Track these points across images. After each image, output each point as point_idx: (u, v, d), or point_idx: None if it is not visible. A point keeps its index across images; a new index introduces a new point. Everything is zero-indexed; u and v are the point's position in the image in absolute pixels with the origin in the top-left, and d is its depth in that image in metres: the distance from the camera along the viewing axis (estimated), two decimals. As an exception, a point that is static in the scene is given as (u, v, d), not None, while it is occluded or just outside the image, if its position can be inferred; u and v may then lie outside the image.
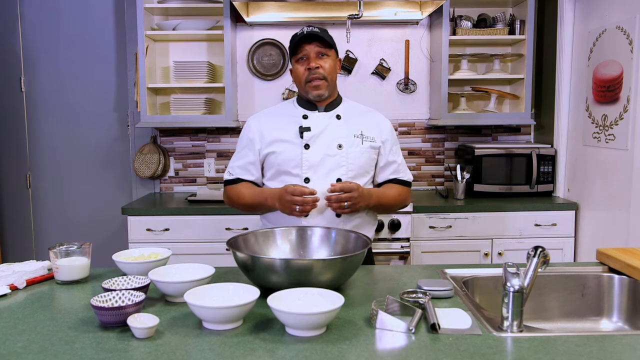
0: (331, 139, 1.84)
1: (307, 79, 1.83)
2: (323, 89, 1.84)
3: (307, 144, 1.83)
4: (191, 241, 3.01)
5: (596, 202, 2.91)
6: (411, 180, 1.99)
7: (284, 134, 1.86)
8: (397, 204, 1.95)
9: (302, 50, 1.83)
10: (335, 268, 1.36)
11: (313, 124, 1.85)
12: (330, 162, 1.82)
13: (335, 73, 1.88)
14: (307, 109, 1.90)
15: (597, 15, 2.88)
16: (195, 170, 3.61)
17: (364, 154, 1.86)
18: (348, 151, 1.84)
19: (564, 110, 3.20)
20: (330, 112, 1.90)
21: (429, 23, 3.52)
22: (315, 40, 1.81)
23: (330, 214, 1.80)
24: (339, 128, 1.86)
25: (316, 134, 1.84)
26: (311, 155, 1.82)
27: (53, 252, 1.53)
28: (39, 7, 3.60)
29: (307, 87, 1.84)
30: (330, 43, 1.84)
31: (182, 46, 3.49)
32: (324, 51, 1.83)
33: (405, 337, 1.15)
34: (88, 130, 3.66)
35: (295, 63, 1.87)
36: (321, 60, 1.83)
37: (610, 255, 1.66)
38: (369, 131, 1.89)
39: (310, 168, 1.82)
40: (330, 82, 1.85)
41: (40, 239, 3.74)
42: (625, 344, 1.13)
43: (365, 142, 1.87)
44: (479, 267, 1.71)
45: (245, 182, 1.93)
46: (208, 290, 1.28)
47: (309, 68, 1.82)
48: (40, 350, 1.09)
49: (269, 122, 1.93)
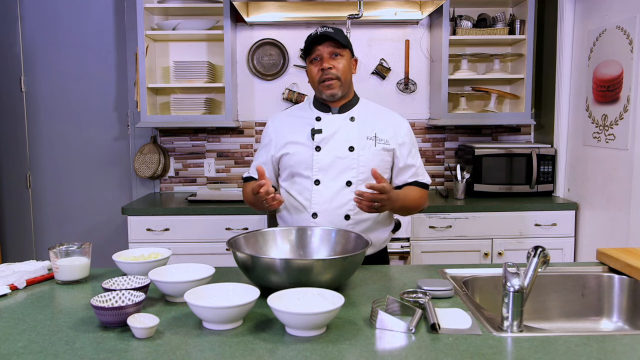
0: (342, 141, 1.84)
1: (321, 79, 1.83)
2: (336, 88, 1.84)
3: (318, 146, 1.83)
4: (191, 241, 3.01)
5: (596, 202, 2.91)
6: (430, 182, 1.98)
7: (297, 135, 1.87)
8: (418, 206, 1.94)
9: (316, 51, 1.83)
10: (335, 268, 1.36)
11: (325, 126, 1.85)
12: (341, 165, 1.82)
13: (350, 73, 1.88)
14: (321, 110, 1.90)
15: (597, 15, 2.88)
16: (195, 170, 3.61)
17: (376, 156, 1.85)
18: (360, 153, 1.83)
19: (564, 110, 3.20)
20: (344, 113, 1.89)
21: (429, 23, 3.52)
22: (328, 40, 1.82)
23: (339, 216, 1.80)
24: (351, 130, 1.86)
25: (327, 136, 1.84)
26: (322, 157, 1.82)
27: (53, 252, 1.53)
28: (39, 7, 3.60)
29: (321, 87, 1.84)
30: (344, 43, 1.84)
31: (182, 46, 3.49)
32: (338, 51, 1.83)
33: (405, 337, 1.15)
34: (88, 130, 3.67)
35: (310, 64, 1.87)
36: (334, 61, 1.83)
37: (610, 255, 1.66)
38: (384, 133, 1.88)
39: (320, 170, 1.82)
40: (344, 82, 1.85)
41: (40, 239, 3.74)
42: (625, 344, 1.13)
43: (378, 144, 1.85)
44: (479, 267, 1.71)
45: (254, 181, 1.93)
46: (208, 290, 1.28)
47: (322, 69, 1.82)
48: (40, 350, 1.09)
49: (285, 123, 1.94)
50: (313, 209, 1.82)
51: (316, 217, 1.81)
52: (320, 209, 1.81)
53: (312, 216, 1.82)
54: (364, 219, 1.83)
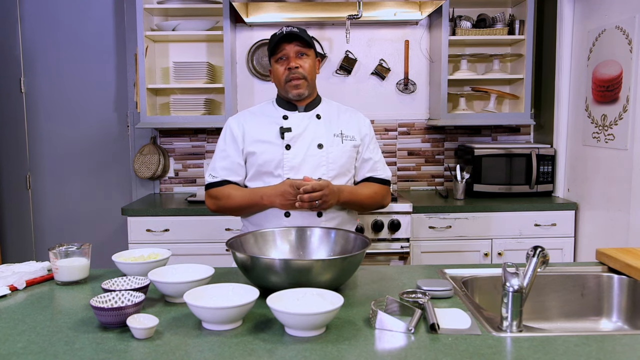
0: (311, 139, 1.85)
1: (287, 78, 1.83)
2: (303, 88, 1.84)
3: (288, 144, 1.83)
4: (191, 242, 3.01)
5: (596, 202, 2.91)
6: (389, 178, 1.98)
7: (265, 134, 1.86)
8: (373, 202, 1.94)
9: (282, 50, 1.83)
10: (334, 268, 1.36)
11: (293, 124, 1.86)
12: (311, 162, 1.83)
13: (314, 73, 1.89)
14: (287, 109, 1.90)
15: (596, 15, 2.89)
16: (195, 171, 3.61)
17: (344, 153, 1.87)
18: (328, 151, 1.85)
19: (563, 110, 3.20)
20: (310, 112, 1.90)
21: (429, 23, 3.52)
22: (295, 39, 1.82)
23: (311, 214, 1.82)
24: (319, 128, 1.87)
25: (297, 134, 1.84)
26: (292, 155, 1.83)
27: (53, 252, 1.53)
28: (39, 7, 3.61)
29: (287, 87, 1.84)
30: (310, 43, 1.84)
31: (182, 47, 3.49)
32: (304, 51, 1.84)
33: (405, 337, 1.15)
34: (88, 131, 3.67)
35: (275, 63, 1.86)
36: (301, 60, 1.83)
37: (610, 255, 1.66)
38: (349, 130, 1.90)
39: (291, 169, 1.82)
40: (310, 81, 1.85)
41: (40, 239, 3.74)
42: (625, 344, 1.13)
43: (345, 141, 1.88)
44: (479, 267, 1.71)
45: (232, 184, 1.88)
46: (208, 291, 1.28)
47: (289, 68, 1.82)
48: (40, 350, 1.09)
49: (250, 121, 1.91)
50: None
51: (289, 216, 1.81)
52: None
53: (284, 215, 1.81)
54: (334, 216, 1.85)
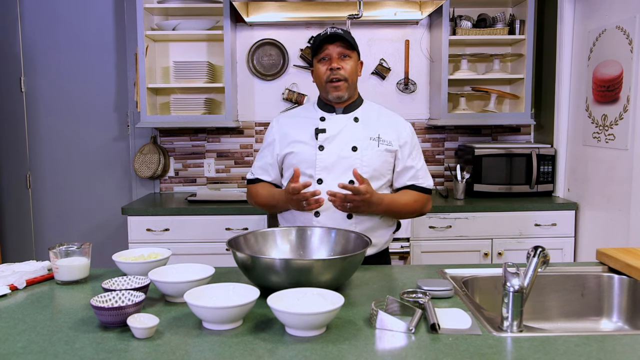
0: (346, 141, 1.84)
1: (328, 79, 1.83)
2: (343, 90, 1.84)
3: (322, 145, 1.84)
4: (191, 241, 3.01)
5: (596, 202, 2.91)
6: (431, 186, 1.95)
7: (301, 135, 1.88)
8: (413, 211, 1.92)
9: (325, 50, 1.82)
10: (335, 268, 1.36)
11: (329, 126, 1.86)
12: (344, 164, 1.82)
13: (356, 75, 1.88)
14: (325, 111, 1.90)
15: (597, 15, 2.89)
16: (195, 171, 3.61)
17: (379, 157, 1.85)
18: (363, 153, 1.83)
19: (563, 110, 3.20)
20: (349, 114, 1.90)
21: (429, 23, 3.52)
22: (338, 40, 1.81)
23: (342, 215, 1.80)
24: (355, 130, 1.86)
25: (331, 136, 1.84)
26: (325, 156, 1.83)
27: (53, 252, 1.53)
28: (39, 7, 3.60)
29: (328, 87, 1.84)
30: (353, 45, 1.84)
31: (182, 46, 3.49)
32: (347, 52, 1.83)
33: (405, 337, 1.15)
34: (88, 130, 3.67)
35: (317, 63, 1.86)
36: (343, 62, 1.83)
37: (610, 255, 1.66)
38: (387, 134, 1.88)
39: (323, 169, 1.83)
40: (350, 83, 1.85)
41: (40, 239, 3.74)
42: (625, 344, 1.13)
43: (381, 145, 1.85)
44: (479, 267, 1.71)
45: (264, 183, 1.95)
46: (208, 290, 1.28)
47: (330, 68, 1.82)
48: (40, 350, 1.09)
49: (289, 123, 1.95)
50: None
51: (318, 215, 1.82)
52: (323, 207, 1.80)
53: (314, 215, 1.82)
54: (366, 219, 1.83)
